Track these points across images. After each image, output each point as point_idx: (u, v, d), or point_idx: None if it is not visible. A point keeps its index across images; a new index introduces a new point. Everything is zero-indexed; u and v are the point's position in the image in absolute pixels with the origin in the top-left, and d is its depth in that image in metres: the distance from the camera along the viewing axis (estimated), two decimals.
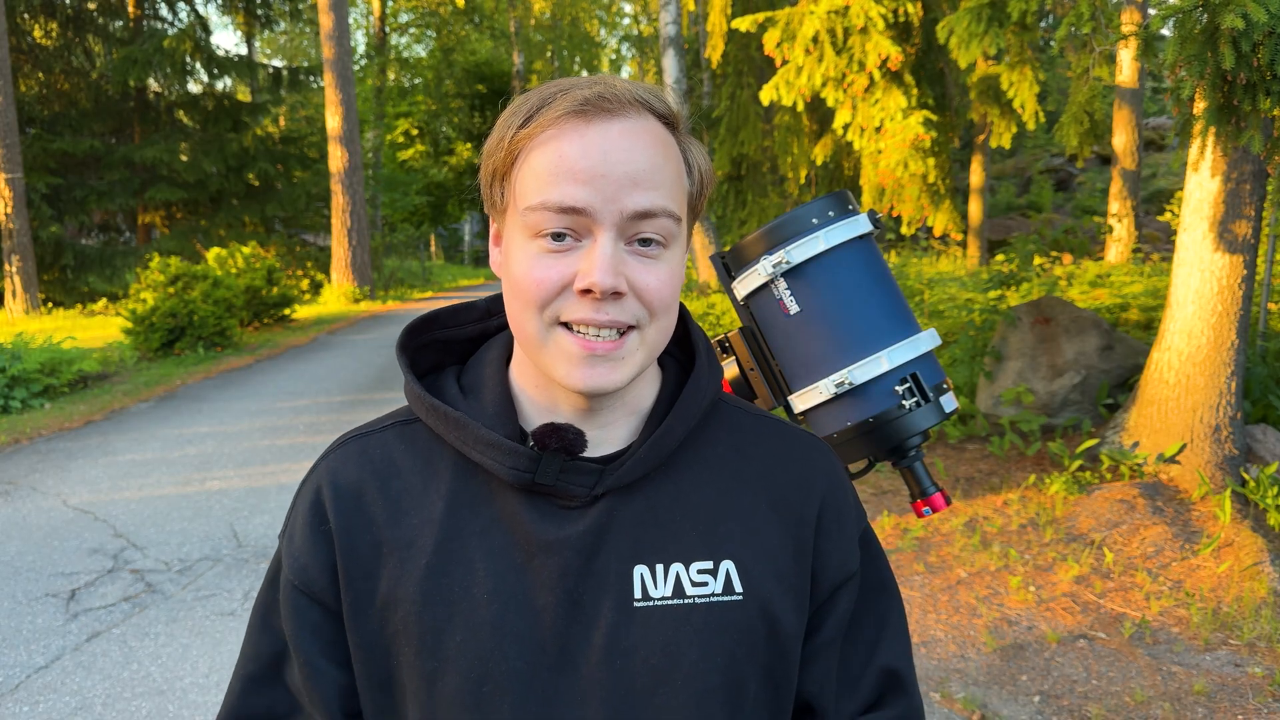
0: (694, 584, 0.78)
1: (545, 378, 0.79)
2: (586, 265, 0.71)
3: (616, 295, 0.72)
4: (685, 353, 0.89)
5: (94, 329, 12.39)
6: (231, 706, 0.82)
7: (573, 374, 0.73)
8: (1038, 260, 6.57)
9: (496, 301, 0.89)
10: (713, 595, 0.78)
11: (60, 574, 4.09)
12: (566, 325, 0.73)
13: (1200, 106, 3.34)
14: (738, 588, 0.79)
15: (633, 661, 0.75)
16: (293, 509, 0.84)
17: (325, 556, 0.79)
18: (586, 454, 0.79)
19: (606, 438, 0.81)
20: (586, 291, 0.71)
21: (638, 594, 0.77)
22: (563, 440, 0.76)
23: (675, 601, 0.77)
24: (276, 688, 0.82)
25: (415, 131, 33.19)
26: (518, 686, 0.75)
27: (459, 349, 0.89)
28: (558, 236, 0.72)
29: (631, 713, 0.75)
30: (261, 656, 0.82)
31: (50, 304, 16.16)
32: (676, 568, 0.78)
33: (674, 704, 0.76)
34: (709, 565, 0.79)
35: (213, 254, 12.98)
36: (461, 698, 0.75)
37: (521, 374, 0.82)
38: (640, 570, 0.77)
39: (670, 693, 0.76)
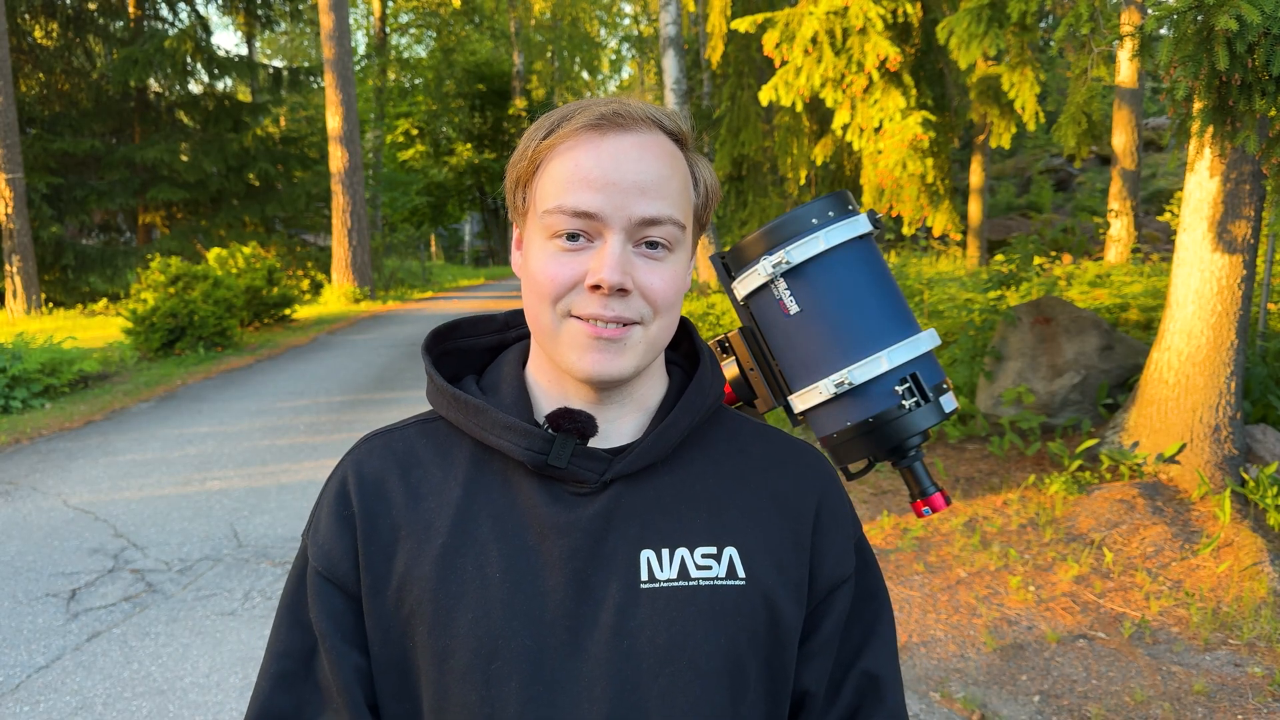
0: (698, 567, 0.81)
1: (558, 371, 0.84)
2: (596, 264, 0.77)
3: (623, 292, 0.77)
4: (691, 363, 0.95)
5: (94, 329, 12.39)
6: (261, 705, 0.83)
7: (582, 360, 0.79)
8: (1037, 260, 6.56)
9: (514, 316, 0.96)
10: (716, 579, 0.81)
11: (60, 574, 4.09)
12: (577, 318, 0.79)
13: (1196, 107, 3.35)
14: (740, 573, 0.82)
15: (639, 641, 0.78)
16: (318, 502, 0.88)
17: (349, 542, 0.83)
18: (596, 445, 0.83)
19: (615, 431, 0.85)
20: (596, 287, 0.77)
21: (644, 576, 0.80)
22: (575, 422, 0.80)
23: (681, 583, 0.80)
24: (307, 684, 0.83)
25: (415, 131, 33.19)
26: (526, 664, 0.77)
27: (476, 360, 0.95)
28: (572, 237, 0.78)
29: (636, 692, 0.77)
30: (292, 653, 0.84)
31: (51, 304, 16.15)
32: (681, 552, 0.81)
33: (678, 685, 0.78)
34: (712, 550, 0.82)
35: (213, 254, 12.97)
36: (471, 675, 0.77)
37: (537, 370, 0.87)
38: (647, 554, 0.81)
39: (674, 673, 0.78)
